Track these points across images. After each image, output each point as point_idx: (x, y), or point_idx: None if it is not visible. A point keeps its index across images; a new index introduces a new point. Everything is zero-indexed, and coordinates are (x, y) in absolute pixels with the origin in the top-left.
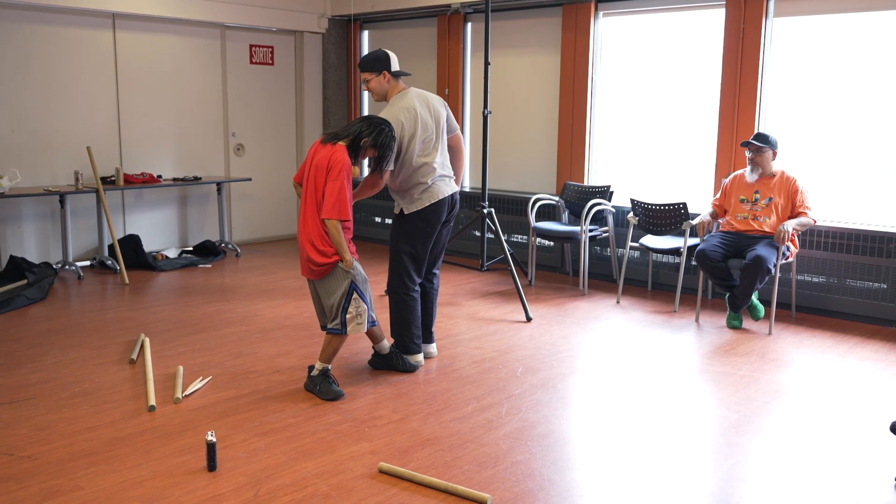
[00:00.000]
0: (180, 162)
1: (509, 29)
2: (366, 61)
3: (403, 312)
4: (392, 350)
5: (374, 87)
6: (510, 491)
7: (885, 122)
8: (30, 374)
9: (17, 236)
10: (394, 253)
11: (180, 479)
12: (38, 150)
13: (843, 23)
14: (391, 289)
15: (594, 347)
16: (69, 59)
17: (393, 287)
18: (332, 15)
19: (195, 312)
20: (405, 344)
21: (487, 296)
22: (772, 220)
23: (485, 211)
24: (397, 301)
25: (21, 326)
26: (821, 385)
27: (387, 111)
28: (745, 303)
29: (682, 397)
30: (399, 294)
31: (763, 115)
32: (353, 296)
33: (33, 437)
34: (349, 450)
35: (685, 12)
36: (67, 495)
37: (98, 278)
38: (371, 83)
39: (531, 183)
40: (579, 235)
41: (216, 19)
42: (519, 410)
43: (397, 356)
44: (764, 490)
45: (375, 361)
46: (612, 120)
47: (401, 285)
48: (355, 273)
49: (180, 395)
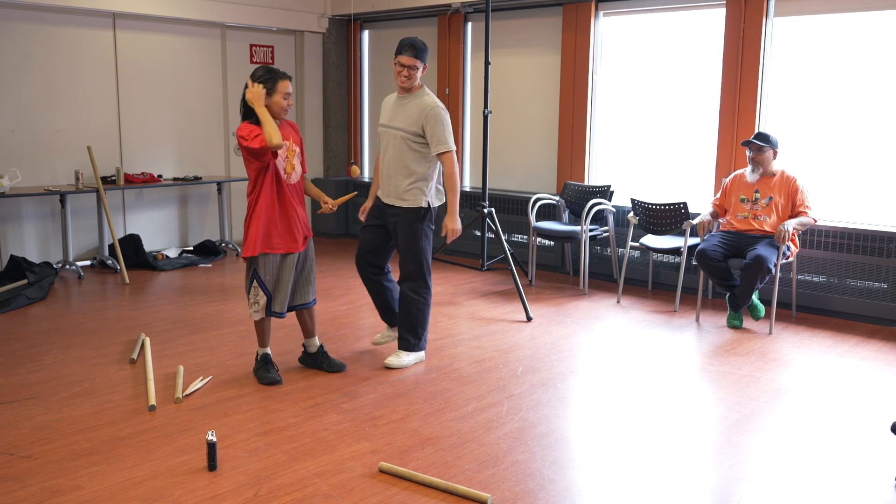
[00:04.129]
0: (181, 161)
1: (510, 29)
2: (422, 47)
3: (426, 312)
4: (319, 348)
5: (416, 76)
6: (510, 490)
7: (885, 122)
8: (30, 373)
9: (17, 236)
10: (408, 253)
11: (181, 479)
12: (39, 150)
13: (843, 23)
14: (414, 287)
15: (594, 347)
16: (69, 58)
17: (417, 286)
18: (333, 15)
19: (195, 312)
20: (423, 342)
21: (488, 295)
22: (772, 220)
23: (485, 210)
24: (422, 301)
25: (21, 326)
26: (821, 385)
27: (431, 98)
28: (745, 302)
29: (682, 397)
30: (422, 294)
31: (763, 114)
32: (253, 283)
33: (34, 437)
34: (349, 449)
35: (685, 12)
36: (68, 495)
37: (98, 278)
38: (418, 72)
39: (531, 182)
40: (580, 235)
41: (216, 19)
42: (519, 410)
43: (324, 356)
44: (764, 490)
45: (305, 360)
46: (613, 120)
47: (423, 285)
48: (258, 262)
49: (181, 395)
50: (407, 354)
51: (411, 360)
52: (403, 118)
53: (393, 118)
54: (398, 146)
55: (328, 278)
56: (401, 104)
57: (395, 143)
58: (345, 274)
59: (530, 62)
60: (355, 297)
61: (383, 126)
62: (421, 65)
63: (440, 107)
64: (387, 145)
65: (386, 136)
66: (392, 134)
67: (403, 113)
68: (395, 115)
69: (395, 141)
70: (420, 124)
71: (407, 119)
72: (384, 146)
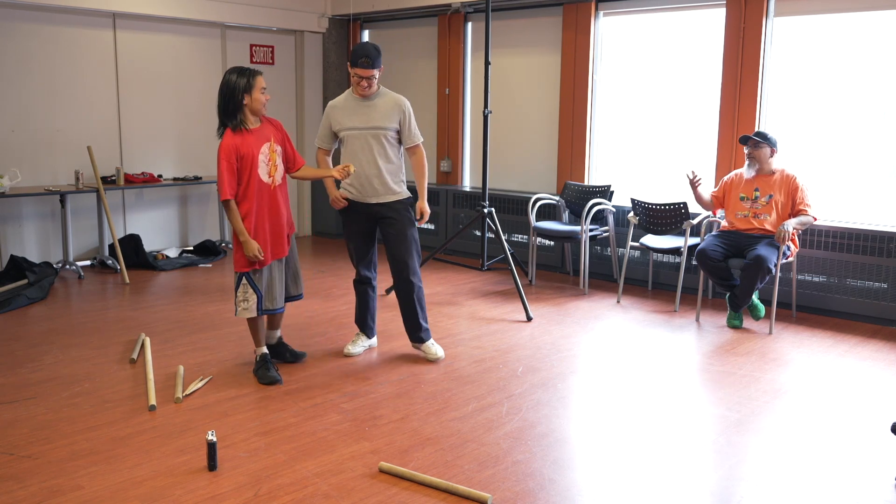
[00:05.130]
0: (181, 161)
1: (510, 28)
2: (375, 55)
3: (423, 301)
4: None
5: (376, 83)
6: (510, 490)
7: (885, 121)
8: (30, 373)
9: (17, 236)
10: (412, 242)
11: (181, 479)
12: (39, 150)
13: (843, 23)
14: (416, 277)
15: (595, 347)
16: (70, 58)
17: (417, 275)
18: (333, 14)
19: (196, 312)
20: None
21: (488, 295)
22: (772, 218)
23: (485, 210)
24: (420, 290)
25: (21, 326)
26: (821, 385)
27: (395, 94)
28: (745, 302)
29: (682, 397)
30: (421, 281)
31: (763, 114)
32: (242, 281)
33: (34, 437)
34: (349, 449)
35: (685, 12)
36: (68, 495)
37: (98, 278)
38: (376, 79)
39: (531, 182)
40: (580, 235)
41: (216, 19)
42: (519, 410)
43: (285, 346)
44: (764, 490)
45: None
46: (613, 119)
47: (419, 271)
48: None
49: (181, 395)
50: (433, 341)
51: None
52: (379, 117)
53: (366, 119)
54: (376, 145)
55: (328, 278)
56: (366, 104)
57: (370, 143)
58: (345, 274)
59: (530, 62)
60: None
61: (355, 129)
62: (378, 71)
63: (408, 101)
64: (357, 148)
65: (357, 138)
66: (369, 134)
67: (376, 112)
68: (366, 116)
69: (371, 141)
70: (397, 119)
71: (384, 117)
72: (350, 150)
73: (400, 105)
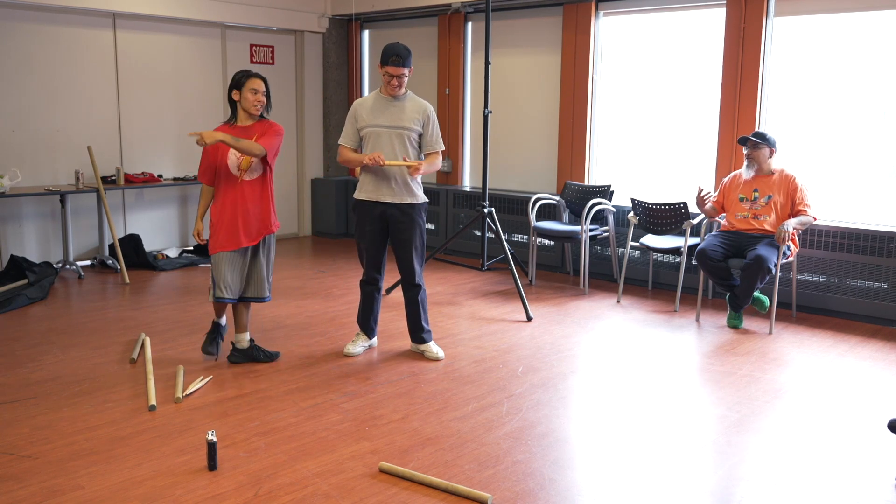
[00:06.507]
0: (181, 161)
1: (510, 28)
2: (406, 54)
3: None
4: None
5: (406, 82)
6: (510, 490)
7: (885, 121)
8: (30, 373)
9: (17, 236)
10: (422, 247)
11: (181, 479)
12: (39, 150)
13: (843, 23)
14: (421, 282)
15: (595, 347)
16: (70, 58)
17: (422, 279)
18: (333, 14)
19: (196, 312)
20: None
21: (488, 295)
22: (772, 219)
23: (485, 210)
24: (423, 292)
25: (21, 326)
26: (821, 385)
27: (423, 102)
28: (745, 302)
29: (682, 397)
30: (423, 286)
31: (763, 114)
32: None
33: (34, 437)
34: (349, 449)
35: (685, 12)
36: (68, 494)
37: (99, 278)
38: (407, 78)
39: (532, 182)
40: (580, 235)
41: (216, 19)
42: (519, 410)
43: (258, 349)
44: (764, 490)
45: (234, 356)
46: (613, 119)
47: (422, 277)
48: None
49: (181, 395)
50: (434, 343)
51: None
52: (406, 117)
53: (393, 118)
54: (399, 144)
55: (328, 278)
56: (394, 104)
57: (393, 142)
58: (345, 274)
59: (530, 62)
60: (355, 297)
61: (381, 127)
62: (408, 70)
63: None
64: (380, 146)
65: (382, 136)
66: (394, 133)
67: (402, 113)
68: (393, 116)
69: (395, 140)
70: (421, 122)
71: (409, 118)
72: (372, 148)
73: (426, 110)
